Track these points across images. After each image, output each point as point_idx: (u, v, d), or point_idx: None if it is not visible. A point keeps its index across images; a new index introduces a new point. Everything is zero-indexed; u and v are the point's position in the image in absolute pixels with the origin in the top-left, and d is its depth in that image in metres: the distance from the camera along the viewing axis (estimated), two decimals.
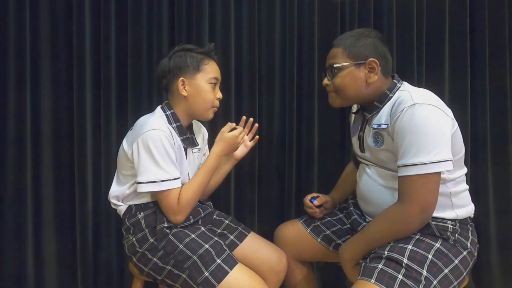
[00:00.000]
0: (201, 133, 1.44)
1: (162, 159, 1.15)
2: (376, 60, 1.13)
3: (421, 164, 0.99)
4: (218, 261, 1.13)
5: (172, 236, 1.18)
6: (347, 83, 1.15)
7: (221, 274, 1.10)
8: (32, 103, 1.68)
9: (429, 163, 0.99)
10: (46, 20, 1.69)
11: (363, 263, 1.06)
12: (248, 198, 1.77)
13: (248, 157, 1.76)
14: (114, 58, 1.70)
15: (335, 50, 1.18)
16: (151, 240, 1.18)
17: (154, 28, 1.71)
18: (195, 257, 1.13)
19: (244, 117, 1.39)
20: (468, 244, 1.09)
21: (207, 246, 1.15)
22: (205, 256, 1.13)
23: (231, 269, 1.12)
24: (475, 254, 1.11)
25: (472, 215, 1.17)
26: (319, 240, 1.33)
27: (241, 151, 1.40)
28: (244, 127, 1.36)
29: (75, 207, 1.70)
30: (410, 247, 1.03)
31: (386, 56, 1.17)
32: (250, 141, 1.42)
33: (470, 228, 1.14)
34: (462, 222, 1.12)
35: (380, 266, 1.00)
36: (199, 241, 1.17)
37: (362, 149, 1.23)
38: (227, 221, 1.36)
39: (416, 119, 1.00)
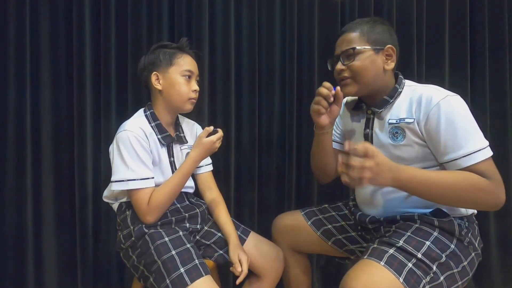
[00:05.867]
0: (194, 131, 1.44)
1: (130, 159, 1.17)
2: (393, 47, 1.13)
3: (483, 148, 0.99)
4: (181, 270, 1.06)
5: (147, 236, 1.17)
6: (366, 67, 1.12)
7: (180, 285, 1.04)
8: (32, 103, 1.68)
9: (486, 146, 1.00)
10: (46, 20, 1.69)
11: (372, 246, 1.04)
12: (248, 198, 1.77)
13: (247, 157, 1.77)
14: (114, 58, 1.70)
15: (351, 35, 1.14)
16: (133, 238, 1.20)
17: (154, 28, 1.71)
18: (159, 262, 1.10)
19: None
20: (477, 245, 1.08)
21: (173, 252, 1.10)
22: (168, 262, 1.08)
23: (191, 282, 1.04)
24: (480, 254, 1.11)
25: (476, 211, 1.16)
26: (318, 233, 1.33)
27: None
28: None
29: (75, 207, 1.70)
30: (428, 243, 1.00)
31: (397, 46, 1.16)
32: None
33: (476, 227, 1.13)
34: (469, 220, 1.11)
35: (391, 251, 0.98)
36: (169, 246, 1.13)
37: None
38: (219, 234, 1.32)
39: (459, 109, 1.01)
